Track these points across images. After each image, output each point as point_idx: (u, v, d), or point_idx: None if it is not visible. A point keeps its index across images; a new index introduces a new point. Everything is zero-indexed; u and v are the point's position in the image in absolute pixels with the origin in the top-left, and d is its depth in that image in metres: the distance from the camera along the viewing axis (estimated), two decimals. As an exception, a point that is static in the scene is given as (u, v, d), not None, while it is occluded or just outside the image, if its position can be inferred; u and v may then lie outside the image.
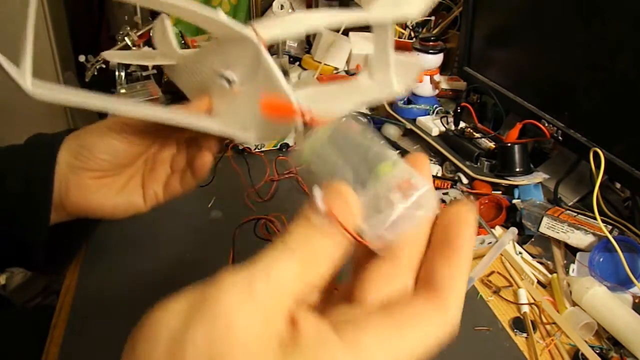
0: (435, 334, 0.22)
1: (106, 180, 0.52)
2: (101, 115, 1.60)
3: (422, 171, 0.26)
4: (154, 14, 1.53)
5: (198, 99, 0.56)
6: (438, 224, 0.25)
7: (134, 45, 1.10)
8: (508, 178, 0.77)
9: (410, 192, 0.24)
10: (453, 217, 0.25)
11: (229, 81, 0.54)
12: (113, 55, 0.83)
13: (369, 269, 0.24)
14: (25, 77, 0.46)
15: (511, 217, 0.73)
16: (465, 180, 0.80)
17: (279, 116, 0.40)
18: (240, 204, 0.74)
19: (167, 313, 0.21)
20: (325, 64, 1.11)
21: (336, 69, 1.13)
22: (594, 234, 0.64)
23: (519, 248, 0.68)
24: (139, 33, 1.11)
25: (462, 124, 0.91)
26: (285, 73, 0.53)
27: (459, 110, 0.91)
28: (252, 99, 0.56)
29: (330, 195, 0.23)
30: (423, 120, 0.92)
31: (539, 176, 0.77)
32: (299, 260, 0.22)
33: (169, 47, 0.64)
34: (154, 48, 0.56)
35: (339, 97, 0.77)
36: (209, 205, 0.74)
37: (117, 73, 1.10)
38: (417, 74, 0.80)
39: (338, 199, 0.24)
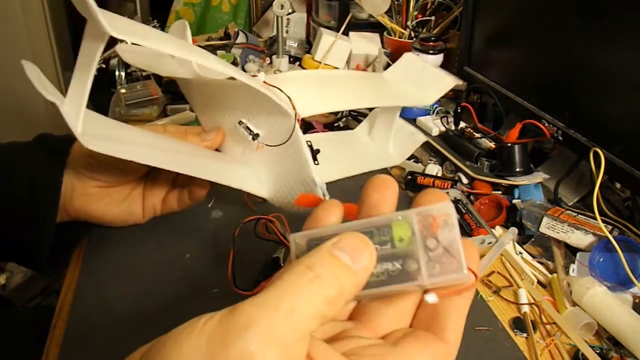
0: None
1: (110, 190, 0.52)
2: (98, 111, 1.60)
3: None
4: (154, 14, 1.53)
5: (215, 133, 0.58)
6: None
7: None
8: (508, 178, 0.77)
9: (440, 223, 0.25)
10: None
11: (254, 136, 0.58)
12: (126, 52, 0.77)
13: (381, 305, 0.26)
14: (77, 122, 0.44)
15: (511, 217, 0.73)
16: (465, 180, 0.80)
17: (308, 206, 0.43)
18: (240, 204, 0.74)
19: (186, 350, 0.20)
20: (325, 64, 1.11)
21: (336, 69, 1.13)
22: (594, 234, 0.64)
23: (519, 248, 0.68)
24: (139, 33, 1.11)
25: (462, 124, 0.91)
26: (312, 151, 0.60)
27: (459, 110, 0.91)
28: (274, 160, 0.59)
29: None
30: (423, 120, 0.92)
31: (539, 176, 0.77)
32: (325, 298, 0.22)
33: (186, 60, 0.64)
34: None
35: (341, 158, 0.82)
36: (209, 205, 0.74)
37: (117, 73, 1.10)
38: (415, 146, 0.86)
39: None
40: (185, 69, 0.65)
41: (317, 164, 0.61)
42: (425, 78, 0.84)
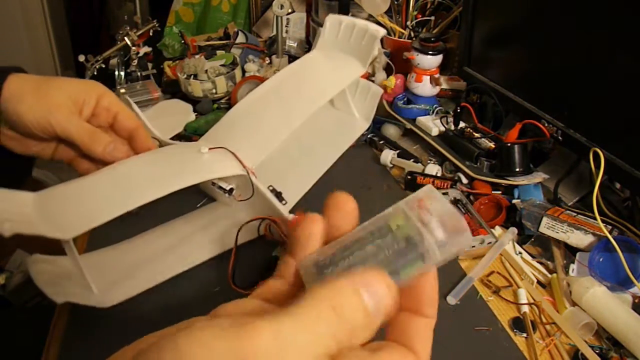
0: None
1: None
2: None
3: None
4: (153, 14, 1.53)
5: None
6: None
7: (133, 45, 1.10)
8: (508, 178, 0.77)
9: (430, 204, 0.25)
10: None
11: (228, 192, 0.67)
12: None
13: None
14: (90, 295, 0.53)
15: (511, 217, 0.73)
16: (465, 180, 0.80)
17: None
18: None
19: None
20: (325, 64, 1.11)
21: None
22: (593, 234, 0.64)
23: (518, 248, 0.68)
24: (138, 33, 1.11)
25: (462, 124, 0.91)
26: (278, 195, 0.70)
27: (458, 110, 0.91)
28: (252, 206, 0.67)
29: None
30: (423, 120, 0.92)
31: (538, 176, 0.77)
32: (337, 341, 0.22)
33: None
34: (154, 49, 0.60)
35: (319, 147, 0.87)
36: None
37: (116, 73, 1.10)
38: (376, 100, 0.89)
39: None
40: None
41: (285, 203, 0.69)
42: (355, 37, 0.85)
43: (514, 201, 0.74)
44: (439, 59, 0.96)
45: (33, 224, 0.47)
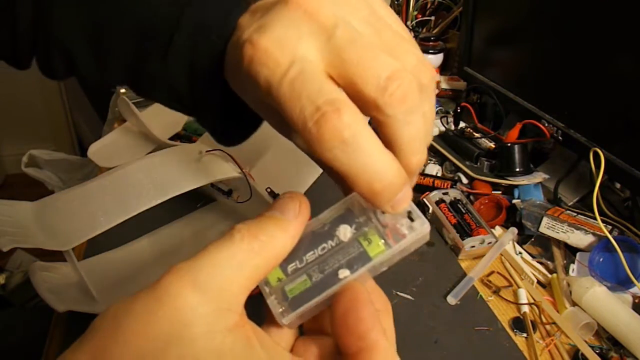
0: None
1: None
2: (99, 114, 1.60)
3: None
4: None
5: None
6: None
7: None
8: (508, 178, 0.77)
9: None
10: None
11: (227, 194, 0.68)
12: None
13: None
14: None
15: (511, 217, 0.73)
16: (465, 180, 0.80)
17: None
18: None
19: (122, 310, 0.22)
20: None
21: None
22: (594, 234, 0.64)
23: (518, 248, 0.68)
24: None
25: (462, 124, 0.91)
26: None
27: (459, 110, 0.91)
28: (252, 209, 0.66)
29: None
30: (423, 120, 0.92)
31: (539, 176, 0.77)
32: (251, 249, 0.23)
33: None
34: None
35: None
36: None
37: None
38: None
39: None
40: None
41: None
42: None
43: (514, 201, 0.74)
44: (439, 58, 0.96)
45: (31, 236, 0.47)
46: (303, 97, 0.22)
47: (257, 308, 0.26)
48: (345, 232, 0.25)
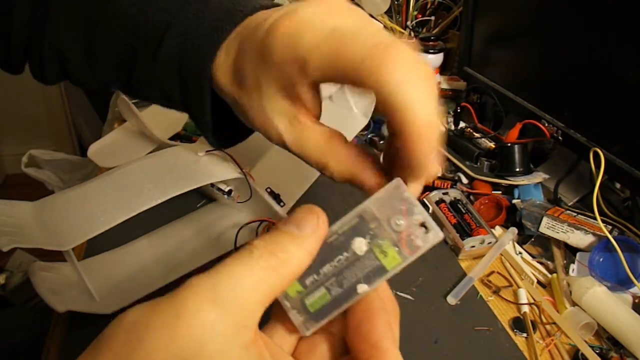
0: None
1: None
2: (99, 114, 1.60)
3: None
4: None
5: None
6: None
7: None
8: (508, 178, 0.77)
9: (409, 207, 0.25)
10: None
11: (227, 194, 0.67)
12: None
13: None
14: None
15: (511, 217, 0.73)
16: (465, 180, 0.80)
17: None
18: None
19: (134, 317, 0.21)
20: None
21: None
22: (594, 234, 0.64)
23: (518, 248, 0.68)
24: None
25: (462, 124, 0.91)
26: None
27: (459, 110, 0.91)
28: (253, 209, 0.67)
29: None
30: (423, 120, 0.92)
31: (539, 176, 0.77)
32: (269, 267, 0.23)
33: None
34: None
35: None
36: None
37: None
38: (375, 98, 0.88)
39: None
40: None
41: (283, 205, 0.69)
42: None
43: (514, 201, 0.74)
44: (439, 58, 0.96)
45: (31, 236, 0.47)
46: (362, 37, 0.24)
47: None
48: (360, 245, 0.25)
